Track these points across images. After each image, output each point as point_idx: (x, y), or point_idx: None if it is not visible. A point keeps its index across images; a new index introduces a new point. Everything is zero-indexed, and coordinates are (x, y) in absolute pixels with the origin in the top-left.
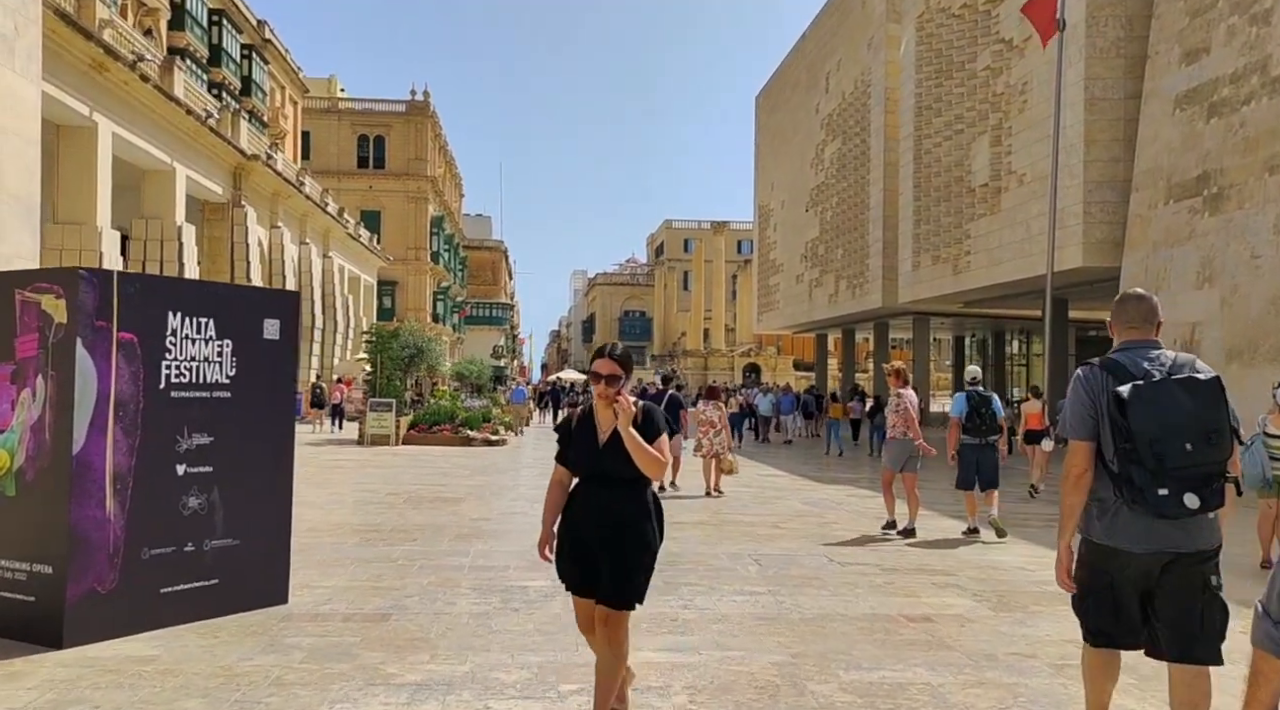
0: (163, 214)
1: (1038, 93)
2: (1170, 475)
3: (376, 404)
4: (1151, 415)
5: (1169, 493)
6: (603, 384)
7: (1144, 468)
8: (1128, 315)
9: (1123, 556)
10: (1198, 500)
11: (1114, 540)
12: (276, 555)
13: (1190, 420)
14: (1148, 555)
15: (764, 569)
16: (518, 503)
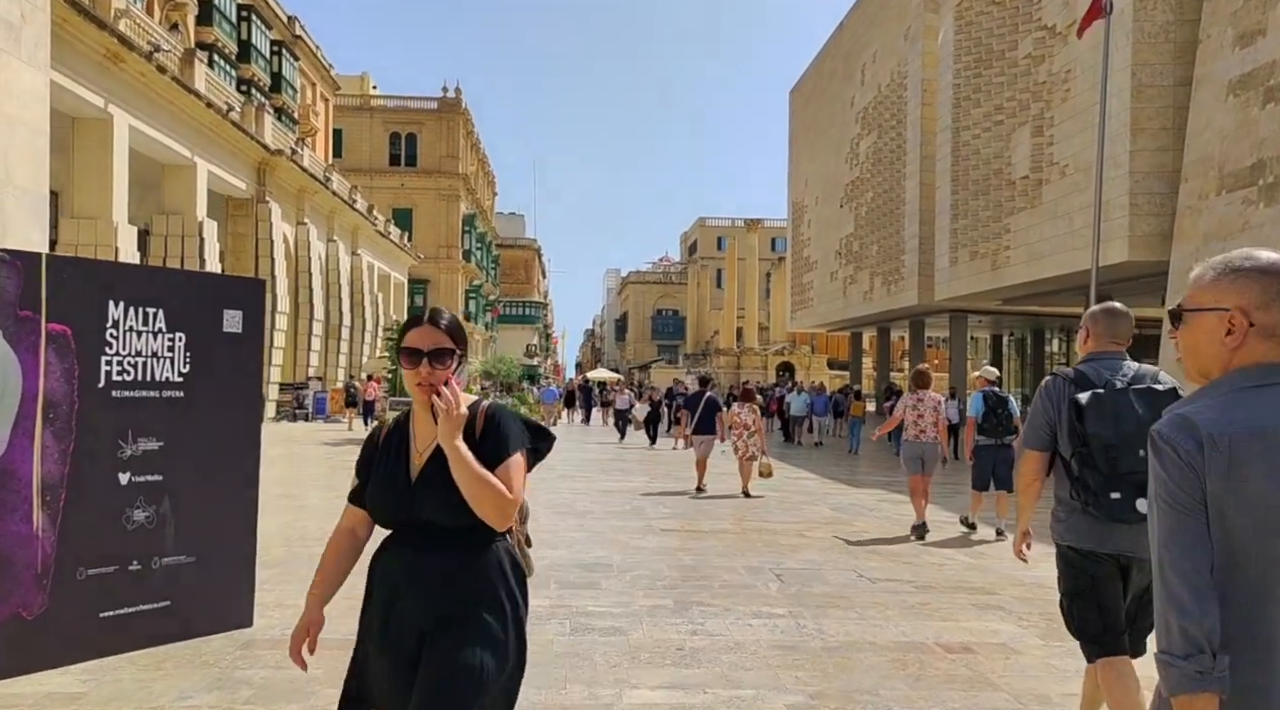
0: (184, 209)
1: (1082, 80)
2: (1124, 480)
3: (395, 403)
4: (1107, 422)
5: (1121, 497)
6: (423, 365)
7: (1098, 472)
8: (1108, 329)
9: (1093, 558)
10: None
11: (1080, 542)
12: (239, 573)
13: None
14: (1109, 557)
15: (785, 586)
16: (531, 508)
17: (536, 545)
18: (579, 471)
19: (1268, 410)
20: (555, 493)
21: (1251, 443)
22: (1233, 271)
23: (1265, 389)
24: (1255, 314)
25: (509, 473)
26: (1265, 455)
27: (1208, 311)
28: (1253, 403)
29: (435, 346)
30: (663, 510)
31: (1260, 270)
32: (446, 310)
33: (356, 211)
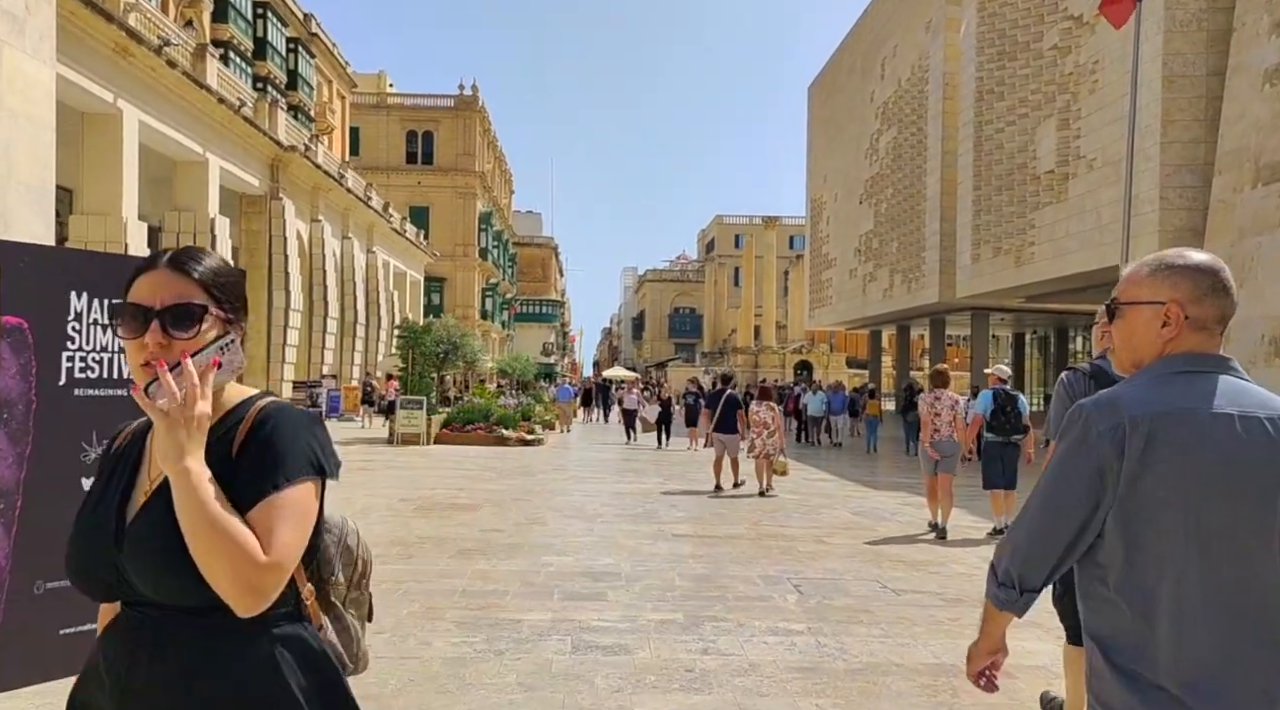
0: (195, 206)
1: (1110, 71)
2: None
3: (407, 402)
4: None
5: None
6: (153, 331)
7: None
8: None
9: None
10: None
11: None
12: None
13: None
14: None
15: (805, 598)
16: (539, 511)
17: (544, 551)
18: (592, 472)
19: (1188, 395)
20: (566, 495)
21: (1168, 423)
22: (1168, 268)
23: (1191, 375)
24: (1189, 307)
25: (273, 517)
26: (1178, 435)
27: (1144, 305)
28: (1178, 387)
29: (176, 301)
30: (676, 513)
31: (1194, 268)
32: (208, 251)
33: (372, 209)
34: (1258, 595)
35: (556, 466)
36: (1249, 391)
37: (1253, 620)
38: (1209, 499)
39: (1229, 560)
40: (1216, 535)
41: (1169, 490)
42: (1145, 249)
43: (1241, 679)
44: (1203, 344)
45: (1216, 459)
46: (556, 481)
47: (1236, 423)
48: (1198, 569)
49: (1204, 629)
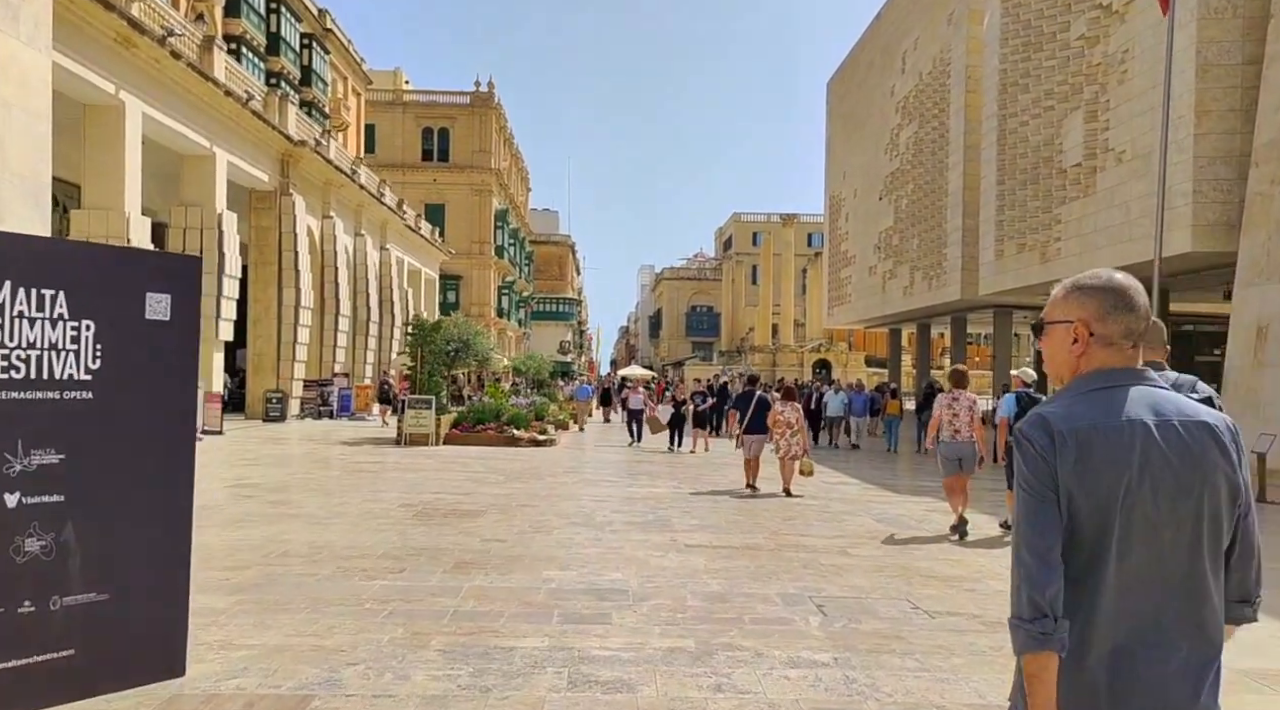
0: (203, 201)
1: (1140, 61)
2: None
3: (415, 401)
4: None
5: None
6: None
7: None
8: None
9: None
10: None
11: None
12: (168, 612)
13: None
14: None
15: (829, 621)
16: (545, 517)
17: (547, 564)
18: (604, 475)
19: (1108, 408)
20: (575, 500)
21: (1093, 436)
22: (1079, 289)
23: (1109, 390)
24: (1095, 325)
25: None
26: (1104, 447)
27: (1059, 324)
28: (1098, 401)
29: None
30: (689, 521)
31: (1100, 287)
32: None
33: (385, 206)
34: (1177, 585)
35: (568, 468)
36: (1163, 399)
37: (1171, 608)
38: (1134, 503)
39: (1152, 555)
40: (1140, 533)
41: (1096, 496)
42: (1178, 243)
43: (1159, 662)
44: (1112, 359)
45: (1137, 465)
46: (566, 485)
47: (1153, 430)
48: (1123, 564)
49: (1127, 617)
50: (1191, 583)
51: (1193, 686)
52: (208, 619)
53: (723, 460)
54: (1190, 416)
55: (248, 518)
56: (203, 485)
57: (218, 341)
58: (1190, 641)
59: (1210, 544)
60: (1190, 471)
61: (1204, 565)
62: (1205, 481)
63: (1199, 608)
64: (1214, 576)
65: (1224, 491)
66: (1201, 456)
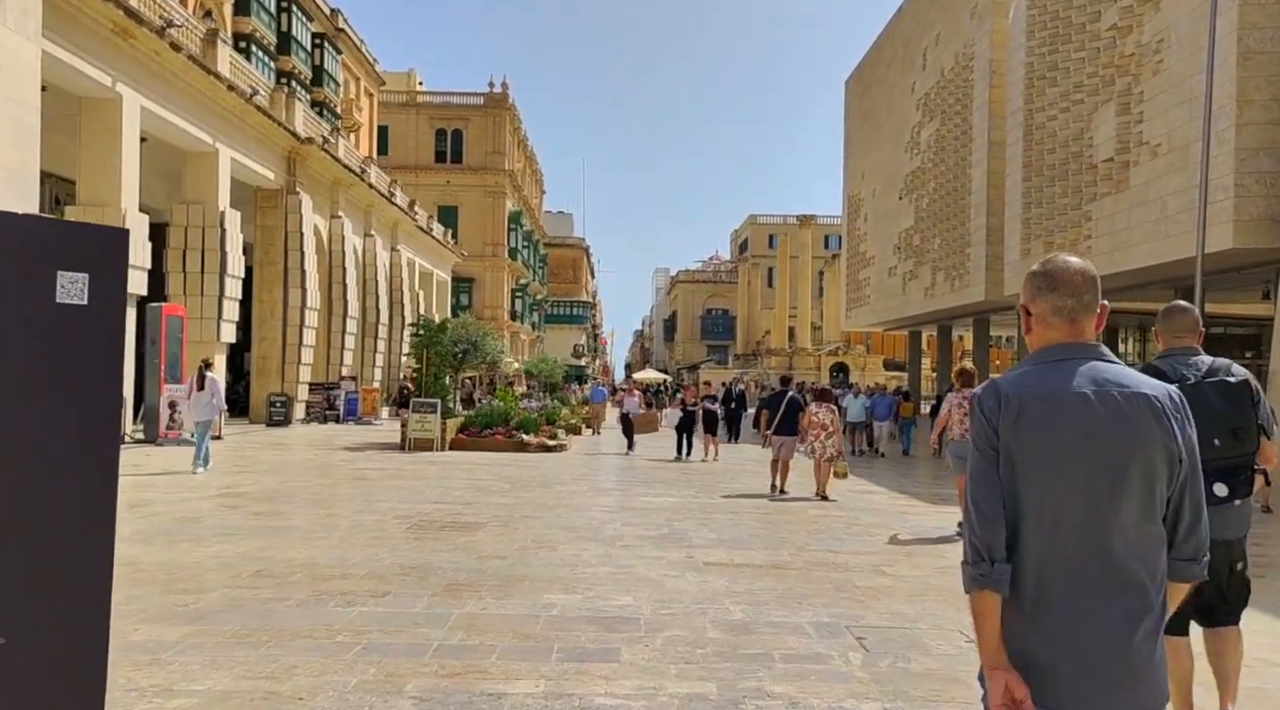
0: (205, 199)
1: (1176, 50)
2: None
3: (419, 404)
4: None
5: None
6: None
7: None
8: (1174, 325)
9: None
10: (1226, 489)
11: None
12: (83, 657)
13: (1219, 419)
14: None
15: (873, 658)
16: (550, 531)
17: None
18: (615, 484)
19: (1052, 378)
20: (584, 511)
21: (1034, 402)
22: (1026, 275)
23: (1058, 362)
24: (1031, 306)
25: None
26: (1042, 411)
27: (1021, 307)
28: (1044, 373)
29: None
30: (707, 534)
31: (1033, 273)
32: None
33: (396, 206)
34: (1108, 539)
35: (577, 476)
36: (1109, 372)
37: (1102, 559)
38: (1067, 463)
39: (1083, 513)
40: (1074, 492)
41: (1035, 456)
42: (1219, 240)
43: (1091, 603)
44: (1053, 335)
45: (1073, 430)
46: (575, 495)
47: (1093, 399)
48: (1056, 521)
49: (1061, 564)
50: (1123, 538)
51: (1122, 630)
52: (150, 656)
53: (739, 467)
54: (1130, 388)
55: (227, 531)
56: (187, 494)
57: (220, 344)
58: (1119, 591)
59: (1143, 504)
60: (1124, 437)
61: (1135, 522)
62: (1139, 447)
63: (1129, 561)
64: (1146, 534)
65: (1159, 457)
66: (1137, 425)
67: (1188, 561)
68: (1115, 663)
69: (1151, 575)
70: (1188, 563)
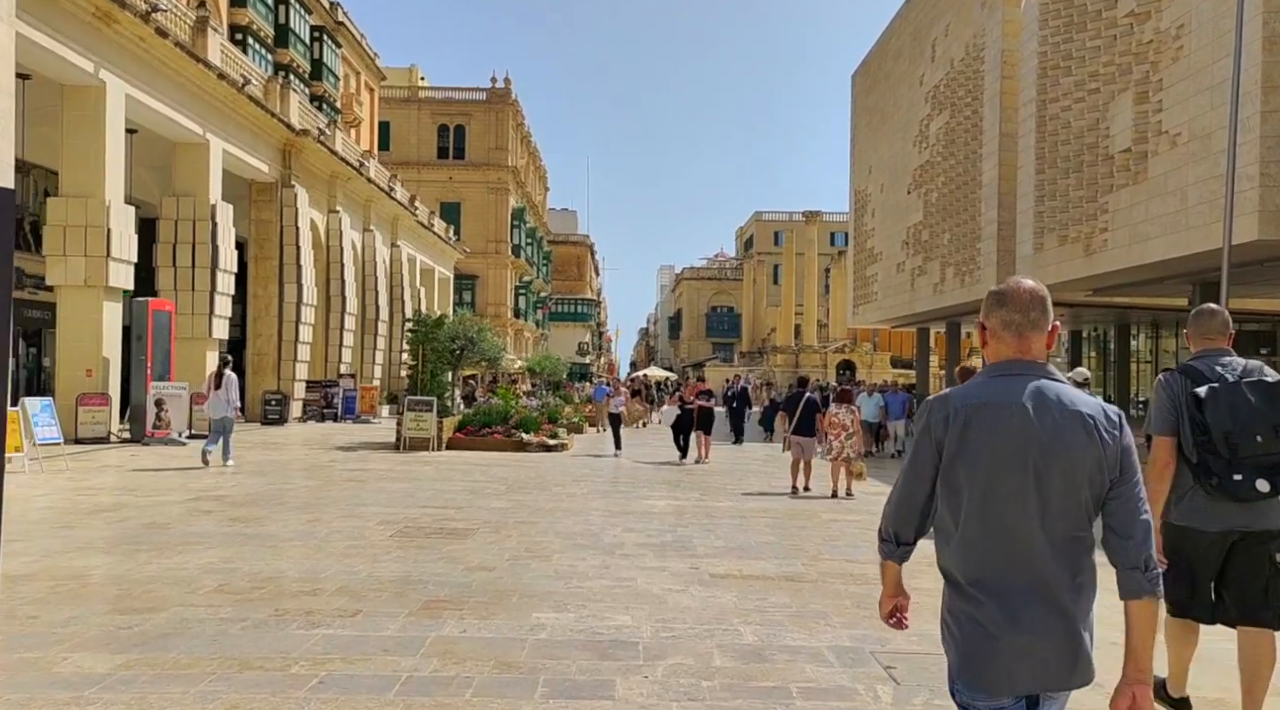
0: (196, 191)
1: (1197, 36)
2: (1244, 463)
3: (414, 403)
4: (1225, 412)
5: (1243, 478)
6: None
7: (1220, 457)
8: (1205, 328)
9: (1195, 535)
10: (1268, 484)
11: (1189, 521)
12: None
13: (1259, 416)
14: (1218, 533)
15: (904, 694)
16: (545, 538)
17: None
18: (616, 487)
19: (998, 392)
20: (582, 515)
21: (979, 412)
22: (987, 293)
23: (1007, 377)
24: (986, 321)
25: None
26: (985, 421)
27: (979, 323)
28: (992, 386)
29: None
30: (714, 542)
31: (990, 291)
32: None
33: (395, 201)
34: (1036, 542)
35: (577, 477)
36: (1050, 389)
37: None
38: (1004, 468)
39: (1014, 515)
40: (1007, 496)
41: (976, 460)
42: (1244, 231)
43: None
44: (1003, 349)
45: (1011, 439)
46: (574, 498)
47: (1031, 412)
48: (990, 519)
49: (991, 563)
50: (1056, 539)
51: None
52: (72, 694)
53: (745, 467)
54: (1068, 405)
55: (196, 538)
56: (160, 498)
57: (212, 340)
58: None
59: (1070, 511)
60: (1057, 450)
61: (1066, 526)
62: (1070, 459)
63: (1063, 560)
64: (1079, 537)
65: (1088, 469)
66: (1071, 440)
67: (1132, 570)
68: (1046, 649)
69: (1073, 573)
70: (1132, 572)
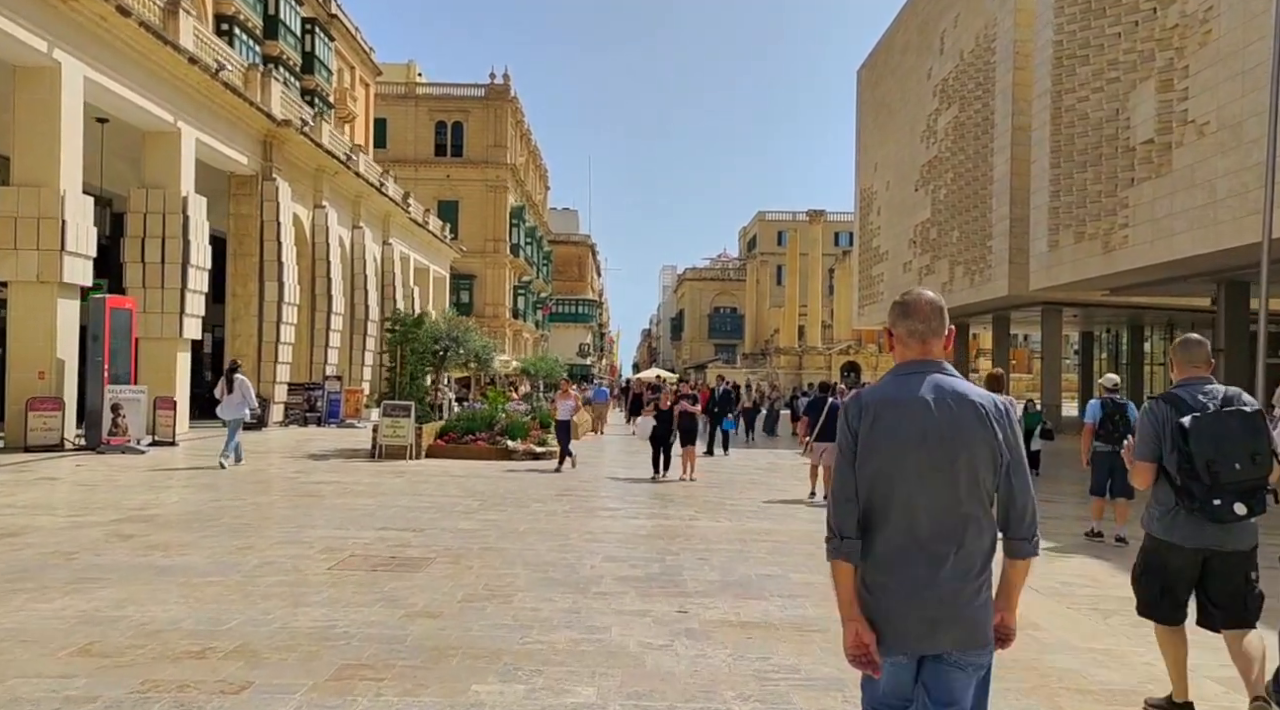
0: (166, 183)
1: (1227, 18)
2: (1224, 488)
3: (391, 408)
4: (1208, 441)
5: (1222, 502)
6: None
7: (1201, 483)
8: (1190, 357)
9: (1174, 550)
10: (1245, 508)
11: (1169, 536)
12: None
13: (1239, 445)
14: (1193, 550)
15: None
16: (511, 569)
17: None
18: (604, 501)
19: (901, 388)
20: (560, 540)
21: (885, 407)
22: (891, 304)
23: (908, 375)
24: (893, 329)
25: None
26: (891, 414)
27: (885, 330)
28: (898, 383)
29: None
30: (708, 574)
31: (895, 302)
32: None
33: (387, 197)
34: (941, 516)
35: (563, 490)
36: (947, 383)
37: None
38: (907, 455)
39: (923, 494)
40: (913, 478)
41: (883, 449)
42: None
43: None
44: (908, 353)
45: (913, 428)
46: (554, 516)
47: (931, 404)
48: (896, 502)
49: (904, 537)
50: (954, 515)
51: (953, 591)
52: None
53: (746, 476)
54: (963, 397)
55: (93, 576)
56: (81, 519)
57: (183, 340)
58: (939, 560)
59: (969, 490)
60: (955, 436)
61: (963, 505)
62: (966, 445)
63: (960, 534)
64: (975, 514)
65: (982, 453)
66: (966, 427)
67: (1021, 541)
68: (941, 611)
69: (980, 546)
70: (1021, 542)
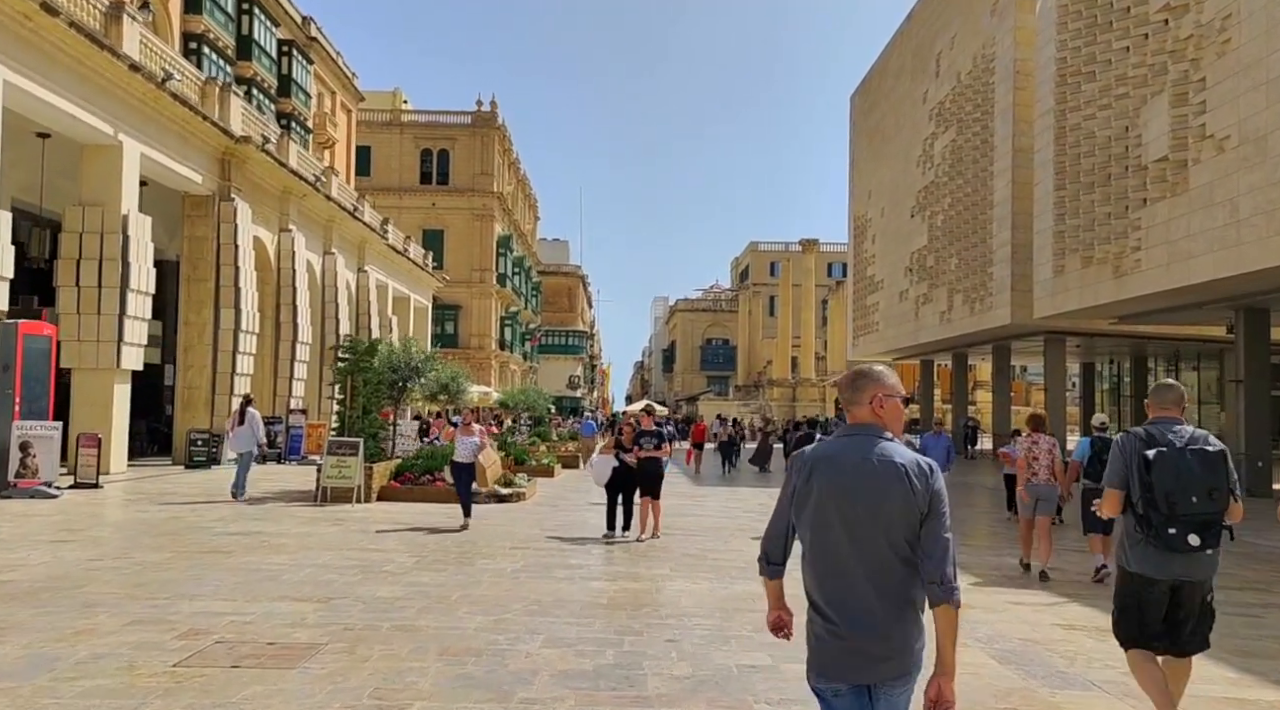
0: (105, 200)
1: (1249, 25)
2: (1179, 519)
3: (335, 445)
4: (1169, 474)
5: (1176, 532)
6: None
7: (1159, 512)
8: (1163, 399)
9: (1146, 582)
10: (1198, 539)
11: (1141, 569)
12: None
13: (1197, 480)
14: (1165, 581)
15: None
16: (417, 664)
17: None
18: (566, 556)
19: (841, 447)
20: (495, 614)
21: (823, 462)
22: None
23: (849, 436)
24: (840, 397)
25: None
26: (827, 468)
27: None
28: (837, 443)
29: None
30: (678, 668)
31: (844, 375)
32: None
33: (362, 222)
34: (866, 562)
35: (520, 541)
36: (879, 446)
37: (863, 576)
38: (842, 505)
39: (849, 541)
40: (841, 526)
41: (819, 500)
42: None
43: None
44: (853, 416)
45: (846, 481)
46: (500, 577)
47: (860, 463)
48: (830, 546)
49: (835, 578)
50: (877, 561)
51: (882, 627)
52: None
53: (734, 521)
54: (887, 457)
55: None
56: None
57: (122, 371)
58: (877, 596)
59: (889, 540)
60: (876, 492)
61: (884, 552)
62: (885, 499)
63: (883, 578)
64: (895, 561)
65: (898, 508)
66: (886, 485)
67: (936, 586)
68: (875, 644)
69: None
70: (936, 587)
